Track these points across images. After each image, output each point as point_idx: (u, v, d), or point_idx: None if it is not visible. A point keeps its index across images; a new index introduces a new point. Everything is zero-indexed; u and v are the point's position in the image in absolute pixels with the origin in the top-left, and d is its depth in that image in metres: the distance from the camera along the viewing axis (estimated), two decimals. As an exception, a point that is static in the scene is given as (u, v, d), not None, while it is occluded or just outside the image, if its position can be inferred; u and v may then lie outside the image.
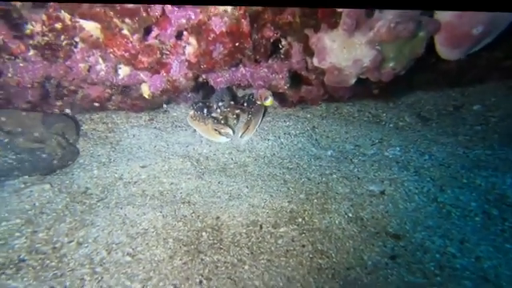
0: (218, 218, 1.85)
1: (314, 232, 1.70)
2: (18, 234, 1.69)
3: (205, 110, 2.70)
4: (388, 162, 2.26)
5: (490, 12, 1.33)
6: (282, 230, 1.73)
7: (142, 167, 2.36)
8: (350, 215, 1.79)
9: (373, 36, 1.43)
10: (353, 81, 1.65)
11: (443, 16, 1.50)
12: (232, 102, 2.69)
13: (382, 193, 1.93)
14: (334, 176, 2.15)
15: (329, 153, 2.52)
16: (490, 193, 1.90)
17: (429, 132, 2.65)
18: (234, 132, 2.70)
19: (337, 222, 1.75)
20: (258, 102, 2.54)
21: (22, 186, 2.02)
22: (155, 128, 2.94)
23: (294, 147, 2.63)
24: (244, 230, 1.75)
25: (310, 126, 2.93)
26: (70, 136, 2.50)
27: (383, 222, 1.73)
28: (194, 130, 2.81)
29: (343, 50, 1.49)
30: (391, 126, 2.85)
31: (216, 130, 2.63)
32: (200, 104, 2.73)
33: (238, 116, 2.82)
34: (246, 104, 2.74)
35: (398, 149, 2.44)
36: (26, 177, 2.08)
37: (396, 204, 1.84)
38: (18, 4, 1.29)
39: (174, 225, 1.78)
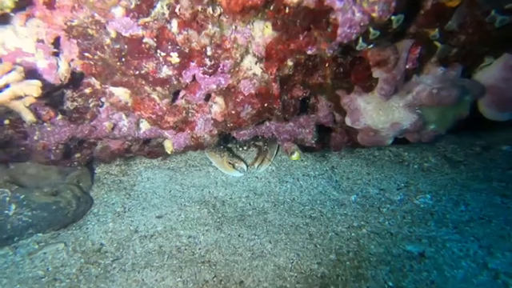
0: (241, 282, 1.71)
1: (351, 304, 1.55)
2: (30, 311, 1.57)
3: (221, 141, 2.67)
4: (421, 214, 2.12)
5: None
6: (314, 300, 1.58)
7: (158, 217, 2.26)
8: (391, 284, 1.63)
9: (412, 100, 1.37)
10: (390, 142, 1.57)
11: (485, 78, 1.44)
12: None
13: (422, 255, 1.77)
14: (364, 230, 2.02)
15: (352, 198, 2.40)
16: (547, 258, 1.71)
17: (458, 176, 2.52)
18: (247, 166, 2.63)
19: (376, 292, 1.60)
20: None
21: (36, 246, 1.92)
22: (169, 169, 2.86)
23: (314, 190, 2.52)
24: (272, 299, 1.61)
25: (329, 166, 2.83)
26: (84, 183, 2.42)
27: (430, 296, 1.56)
28: (208, 171, 2.73)
29: (379, 111, 1.42)
30: (415, 167, 2.73)
31: (230, 163, 2.56)
32: None
33: (251, 147, 2.78)
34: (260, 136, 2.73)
35: (428, 196, 2.30)
36: (40, 234, 1.98)
37: (441, 271, 1.66)
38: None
39: (196, 293, 1.64)
